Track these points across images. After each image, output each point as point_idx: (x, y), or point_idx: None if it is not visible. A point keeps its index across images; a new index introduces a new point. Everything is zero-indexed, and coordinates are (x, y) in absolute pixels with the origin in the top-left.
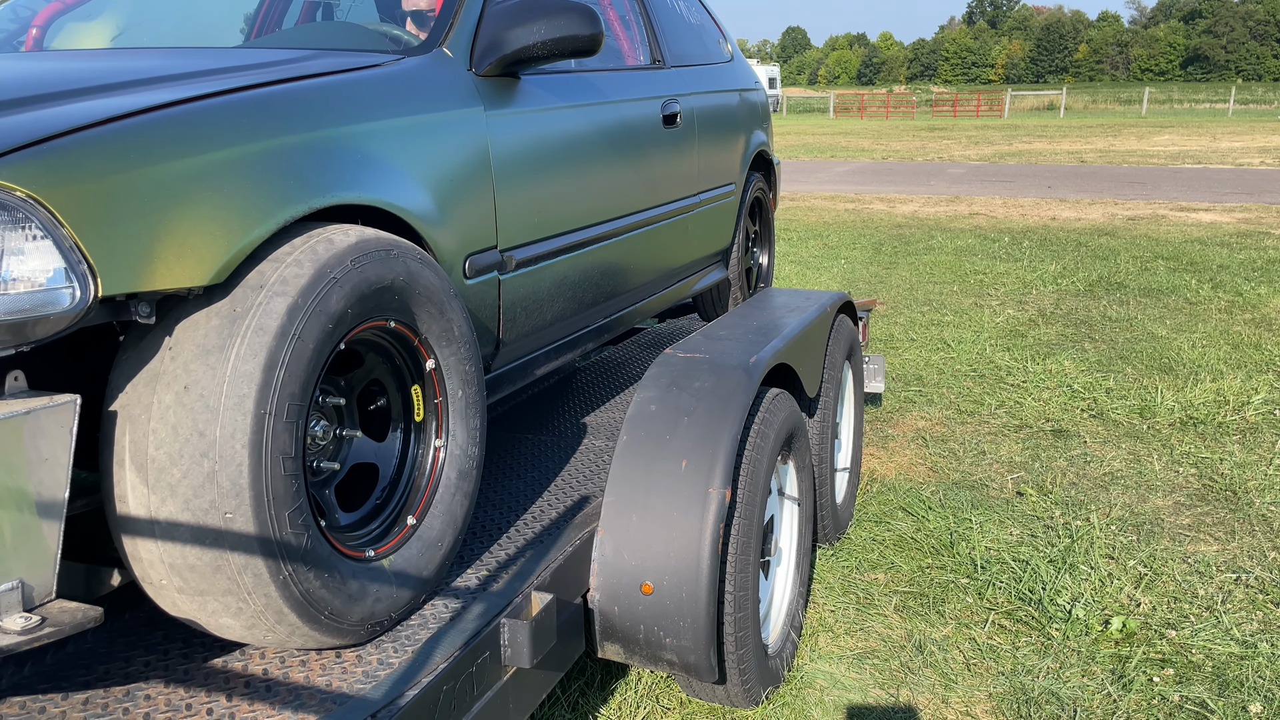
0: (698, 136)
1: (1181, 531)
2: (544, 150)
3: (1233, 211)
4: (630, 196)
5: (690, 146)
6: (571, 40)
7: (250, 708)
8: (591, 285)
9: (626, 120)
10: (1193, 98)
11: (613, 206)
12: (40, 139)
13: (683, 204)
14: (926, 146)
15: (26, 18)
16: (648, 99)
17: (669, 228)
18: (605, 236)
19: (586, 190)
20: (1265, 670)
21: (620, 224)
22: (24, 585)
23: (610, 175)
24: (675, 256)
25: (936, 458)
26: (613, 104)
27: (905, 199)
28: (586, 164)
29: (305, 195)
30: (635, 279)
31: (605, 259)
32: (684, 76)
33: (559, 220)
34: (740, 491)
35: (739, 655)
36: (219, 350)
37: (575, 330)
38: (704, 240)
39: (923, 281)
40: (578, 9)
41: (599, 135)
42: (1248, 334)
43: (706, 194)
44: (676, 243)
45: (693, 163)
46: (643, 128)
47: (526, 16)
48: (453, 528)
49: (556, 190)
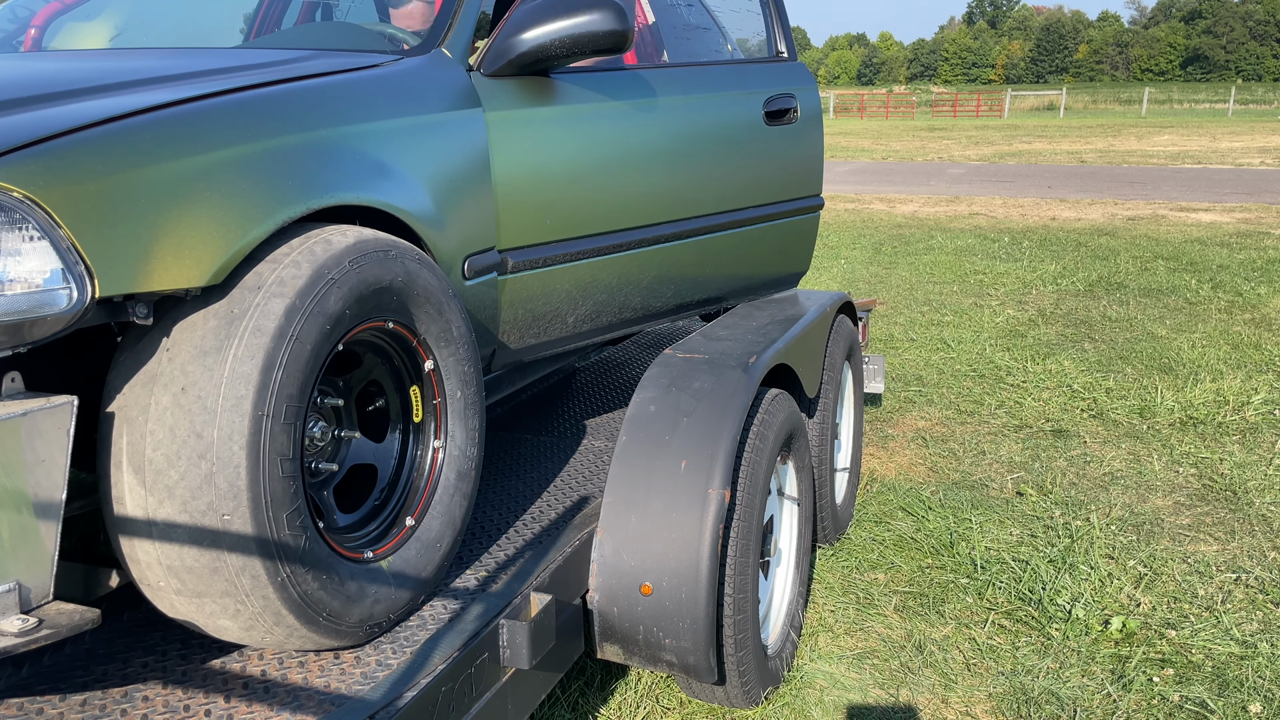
0: (799, 135)
1: (1181, 531)
2: (555, 152)
3: (1233, 211)
4: (666, 203)
5: (787, 147)
6: (590, 39)
7: (249, 709)
8: (608, 293)
9: (687, 120)
10: (1193, 98)
11: (642, 213)
12: (38, 139)
13: (757, 213)
14: (926, 146)
15: (25, 18)
16: (739, 94)
17: (731, 240)
18: (630, 245)
19: (606, 195)
20: (1265, 670)
21: (653, 232)
22: (21, 587)
23: (643, 180)
24: (737, 274)
25: (936, 458)
26: (668, 102)
27: (905, 199)
28: (611, 167)
29: (303, 196)
30: (669, 293)
31: (628, 269)
32: (799, 71)
33: (568, 224)
34: (740, 492)
35: (738, 656)
36: (216, 351)
37: (585, 334)
38: (775, 259)
39: (923, 281)
40: (602, 6)
41: (639, 136)
42: (1248, 334)
43: (787, 205)
44: (742, 258)
45: (775, 167)
46: (718, 128)
47: (542, 17)
48: (451, 528)
49: (568, 194)
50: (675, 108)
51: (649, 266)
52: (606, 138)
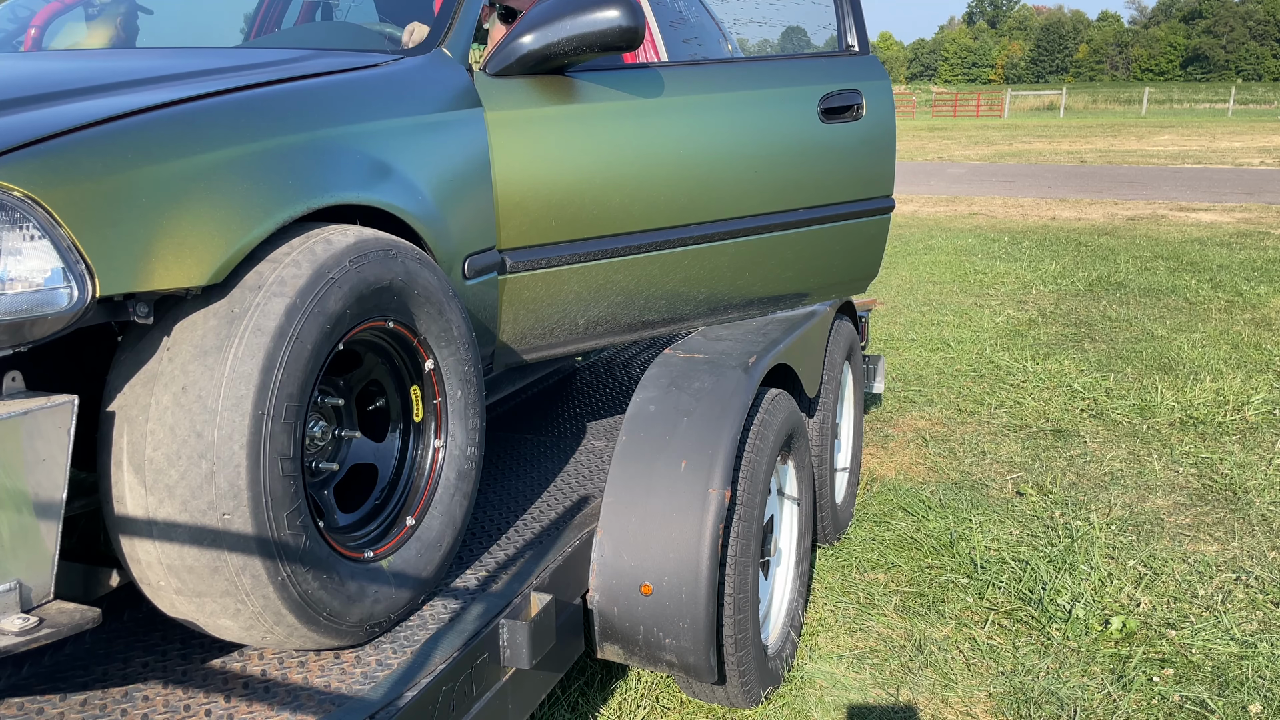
0: (865, 133)
1: (1181, 531)
2: (561, 151)
3: (1233, 211)
4: (693, 204)
5: (849, 145)
6: (599, 37)
7: (249, 709)
8: (626, 295)
9: (719, 118)
10: (1193, 98)
11: (664, 214)
12: (38, 139)
13: (810, 214)
14: (926, 146)
15: (25, 18)
16: (785, 90)
17: (777, 242)
18: (651, 246)
19: (620, 195)
20: (1265, 670)
21: (680, 234)
22: (22, 586)
23: (665, 181)
24: (788, 277)
25: (936, 458)
26: (696, 100)
27: (905, 199)
28: (625, 167)
29: (303, 195)
30: (701, 297)
31: (649, 271)
32: (867, 64)
33: (577, 224)
34: (740, 492)
35: (738, 656)
36: (217, 351)
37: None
38: (836, 263)
39: (923, 281)
40: (611, 4)
41: (659, 136)
42: (1248, 334)
43: (848, 206)
44: (792, 261)
45: (833, 166)
46: (756, 126)
47: (550, 16)
48: (452, 528)
49: (576, 194)
50: (704, 106)
51: (675, 269)
52: (620, 137)
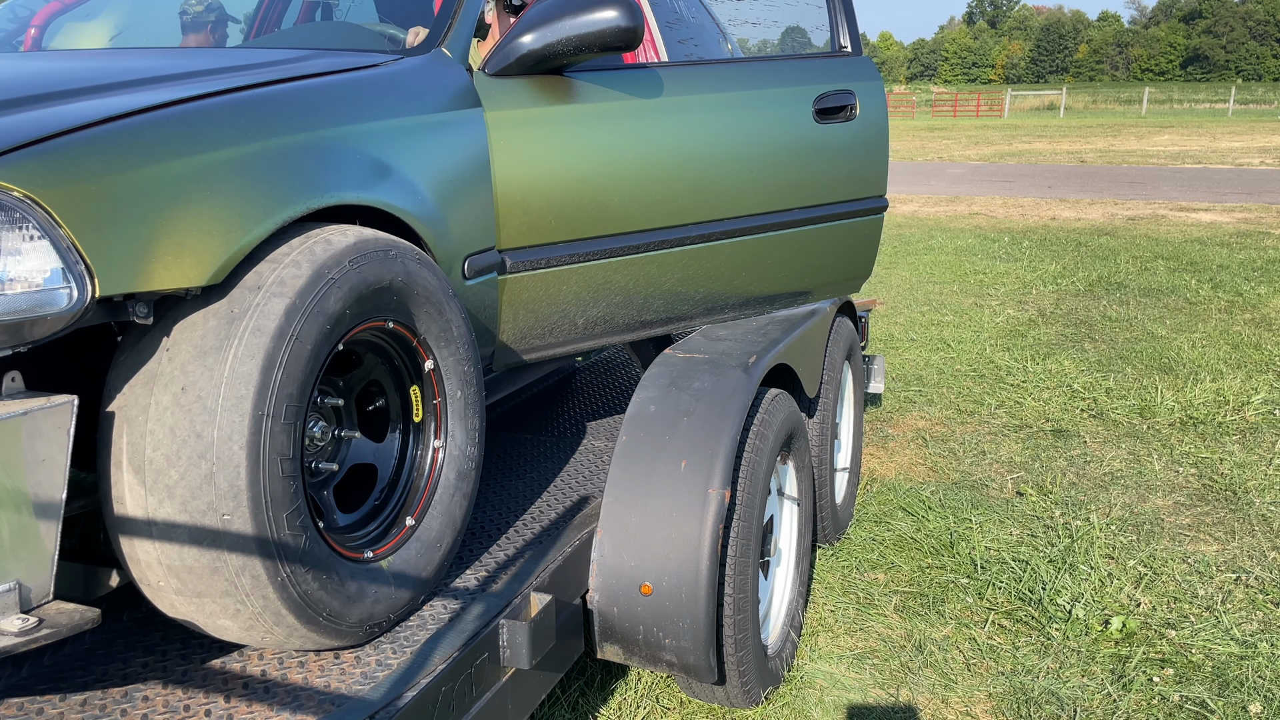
0: (858, 133)
1: (1181, 531)
2: (560, 151)
3: (1233, 211)
4: (690, 204)
5: (843, 146)
6: (598, 37)
7: (249, 709)
8: (625, 295)
9: (716, 119)
10: (1193, 98)
11: (662, 214)
12: (38, 139)
13: (803, 214)
14: (926, 146)
15: (25, 18)
16: (780, 90)
17: (772, 242)
18: (650, 246)
19: (619, 195)
20: (1265, 670)
21: (678, 234)
22: (21, 586)
23: (663, 181)
24: (783, 276)
25: (936, 458)
26: (693, 100)
27: (905, 199)
28: (624, 167)
29: (303, 196)
30: (699, 296)
31: (647, 271)
32: (861, 65)
33: (576, 224)
34: (740, 492)
35: (738, 656)
36: (216, 351)
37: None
38: (830, 262)
39: (923, 281)
40: (610, 4)
41: (657, 136)
42: (1248, 334)
43: (842, 206)
44: (786, 261)
45: (827, 167)
46: (752, 126)
47: (548, 17)
48: (451, 528)
49: (575, 193)
50: (702, 106)
51: (673, 269)
52: (620, 137)
